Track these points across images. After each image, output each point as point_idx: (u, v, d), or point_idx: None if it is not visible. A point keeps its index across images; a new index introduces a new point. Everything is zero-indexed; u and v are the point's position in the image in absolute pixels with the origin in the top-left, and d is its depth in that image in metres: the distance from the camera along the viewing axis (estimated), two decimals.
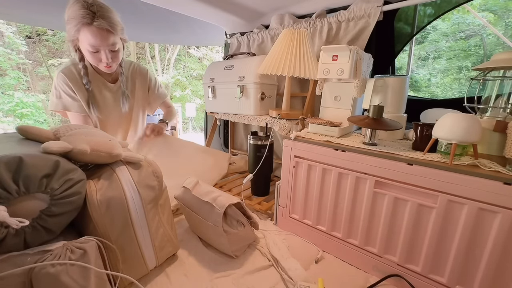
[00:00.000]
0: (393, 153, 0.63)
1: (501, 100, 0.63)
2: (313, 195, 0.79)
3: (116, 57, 0.92)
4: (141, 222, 0.59)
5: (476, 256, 0.54)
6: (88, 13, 0.80)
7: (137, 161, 0.61)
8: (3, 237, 0.41)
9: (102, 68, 0.93)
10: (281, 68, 0.89)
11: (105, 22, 0.83)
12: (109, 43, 0.86)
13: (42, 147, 0.48)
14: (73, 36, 0.84)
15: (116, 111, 1.07)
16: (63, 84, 0.92)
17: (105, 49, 0.87)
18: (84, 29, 0.81)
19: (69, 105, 0.94)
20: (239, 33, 1.40)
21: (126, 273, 0.55)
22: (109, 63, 0.90)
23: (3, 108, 5.87)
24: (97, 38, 0.83)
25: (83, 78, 0.93)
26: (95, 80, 0.98)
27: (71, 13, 0.81)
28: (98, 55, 0.87)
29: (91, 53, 0.86)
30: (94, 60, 0.89)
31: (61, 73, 0.92)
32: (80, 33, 0.82)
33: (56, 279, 0.41)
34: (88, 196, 0.52)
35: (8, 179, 0.41)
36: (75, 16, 0.80)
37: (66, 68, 0.92)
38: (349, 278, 0.69)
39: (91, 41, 0.83)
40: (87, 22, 0.80)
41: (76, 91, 0.94)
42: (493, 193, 0.50)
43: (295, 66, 0.89)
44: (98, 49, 0.86)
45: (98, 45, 0.84)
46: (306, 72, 0.89)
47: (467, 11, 4.61)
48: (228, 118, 1.23)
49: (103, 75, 1.00)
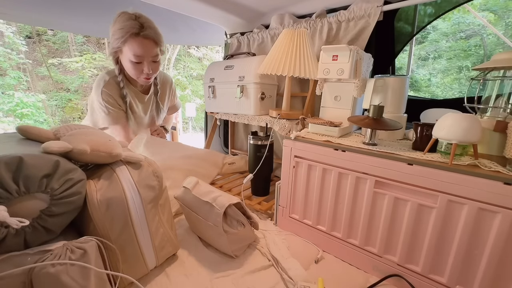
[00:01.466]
0: (393, 153, 0.63)
1: (501, 100, 0.63)
2: (313, 195, 0.79)
3: (156, 69, 0.95)
4: (141, 222, 0.59)
5: (476, 256, 0.54)
6: (136, 24, 0.83)
7: (137, 161, 0.61)
8: (3, 237, 0.41)
9: (140, 79, 0.95)
10: (281, 68, 0.89)
11: (152, 32, 0.86)
12: (152, 54, 0.89)
13: (42, 147, 0.48)
14: (117, 47, 0.87)
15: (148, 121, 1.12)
16: (108, 99, 0.95)
17: (148, 60, 0.90)
18: (130, 40, 0.84)
19: (117, 118, 0.98)
20: (239, 33, 1.40)
21: (126, 273, 0.55)
22: (149, 75, 0.93)
23: (3, 108, 5.87)
24: (143, 49, 0.86)
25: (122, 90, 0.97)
26: (129, 91, 1.01)
27: (118, 25, 0.84)
28: (141, 66, 0.90)
29: (134, 64, 0.89)
30: (136, 71, 0.91)
31: (104, 89, 0.94)
32: (126, 43, 0.85)
33: (56, 279, 0.41)
34: (88, 196, 0.51)
35: (8, 179, 0.41)
36: (123, 27, 0.83)
37: (107, 83, 0.95)
38: (349, 278, 0.69)
39: (136, 51, 0.85)
40: (135, 32, 0.83)
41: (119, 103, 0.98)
42: (493, 193, 0.50)
43: (295, 66, 0.89)
44: (141, 59, 0.88)
45: (142, 55, 0.87)
46: (306, 72, 0.89)
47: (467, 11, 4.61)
48: (228, 118, 1.23)
49: (136, 86, 1.03)
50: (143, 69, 0.91)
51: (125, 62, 0.91)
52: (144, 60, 0.89)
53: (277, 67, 0.89)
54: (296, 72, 0.89)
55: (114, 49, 0.89)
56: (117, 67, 0.95)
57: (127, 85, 1.00)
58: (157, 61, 0.94)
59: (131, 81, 1.01)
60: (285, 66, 0.89)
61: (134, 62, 0.88)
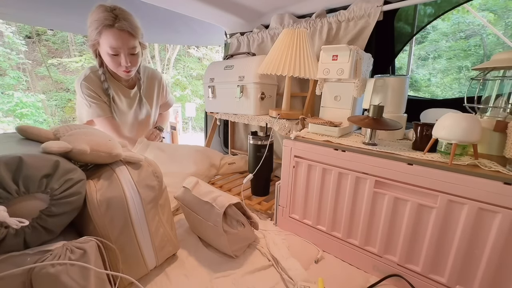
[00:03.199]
0: (393, 153, 0.63)
1: (501, 100, 0.63)
2: (313, 195, 0.79)
3: (135, 62, 0.94)
4: (141, 222, 0.59)
5: (476, 256, 0.54)
6: (110, 15, 0.83)
7: (137, 161, 0.61)
8: (2, 237, 0.41)
9: (120, 73, 0.94)
10: (281, 68, 0.89)
11: (126, 24, 0.85)
12: (129, 46, 0.88)
13: (42, 147, 0.48)
14: (94, 39, 0.86)
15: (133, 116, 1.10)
16: (88, 92, 0.95)
17: (125, 52, 0.88)
18: (105, 31, 0.83)
19: (100, 110, 0.97)
20: (239, 33, 1.40)
21: (126, 273, 0.55)
22: (128, 67, 0.92)
23: (3, 108, 5.87)
24: (118, 40, 0.85)
25: (103, 83, 0.96)
26: (113, 85, 1.00)
27: (93, 16, 0.84)
28: (118, 58, 0.89)
29: (111, 57, 0.88)
30: (114, 64, 0.90)
31: (83, 82, 0.94)
32: (102, 35, 0.84)
33: (56, 279, 0.41)
34: (88, 196, 0.51)
35: (8, 179, 0.41)
36: (97, 19, 0.83)
37: (86, 77, 0.95)
38: (349, 278, 0.69)
39: (112, 43, 0.84)
40: (108, 23, 0.82)
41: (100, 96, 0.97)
42: (493, 193, 0.50)
43: (295, 66, 0.89)
44: (118, 51, 0.87)
45: (118, 47, 0.86)
46: (306, 72, 0.89)
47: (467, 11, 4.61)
48: (228, 118, 1.23)
49: (120, 81, 1.02)
50: (121, 62, 0.90)
51: (103, 55, 0.90)
52: (120, 52, 0.88)
53: (277, 67, 0.89)
54: (296, 72, 0.89)
55: (92, 41, 0.88)
56: (97, 60, 0.94)
57: (110, 79, 0.99)
58: (135, 54, 0.92)
59: (115, 76, 1.01)
60: (284, 66, 0.89)
61: (111, 54, 0.87)
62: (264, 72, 0.93)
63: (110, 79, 0.99)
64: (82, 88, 0.94)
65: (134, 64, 0.94)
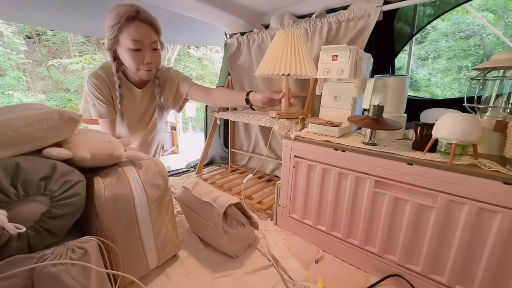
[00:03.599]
0: (393, 153, 0.63)
1: (501, 100, 0.63)
2: (313, 195, 0.79)
3: (157, 59, 0.90)
4: (146, 221, 0.59)
5: (476, 256, 0.54)
6: (132, 8, 0.81)
7: (140, 159, 0.61)
8: (6, 240, 0.42)
9: (141, 73, 0.90)
10: (277, 68, 0.89)
11: (148, 16, 0.83)
12: (152, 40, 0.85)
13: (43, 153, 0.48)
14: (113, 37, 0.82)
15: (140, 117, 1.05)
16: (94, 90, 0.91)
17: (148, 47, 0.85)
18: (127, 25, 0.80)
19: (103, 112, 0.94)
20: (239, 33, 1.40)
21: (127, 272, 0.55)
22: (150, 65, 0.87)
23: None
24: (141, 33, 0.82)
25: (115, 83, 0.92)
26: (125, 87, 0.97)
27: (113, 12, 0.81)
28: (140, 54, 0.85)
29: (133, 52, 0.83)
30: (136, 61, 0.85)
31: (92, 79, 0.90)
32: (123, 30, 0.80)
33: (57, 278, 0.41)
34: (96, 192, 0.52)
35: (6, 184, 0.42)
36: (118, 12, 0.79)
37: (95, 74, 0.91)
38: (349, 278, 0.69)
39: (134, 35, 0.81)
40: (131, 15, 0.79)
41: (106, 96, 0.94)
42: (493, 193, 0.50)
43: (291, 66, 0.88)
44: (140, 45, 0.83)
45: (141, 39, 0.82)
46: (302, 70, 0.89)
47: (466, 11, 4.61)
48: (228, 117, 1.23)
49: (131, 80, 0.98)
50: (144, 58, 0.85)
51: (122, 54, 0.85)
52: (143, 46, 0.84)
53: (273, 67, 0.89)
54: (293, 70, 0.89)
55: (111, 41, 0.83)
56: (114, 64, 0.89)
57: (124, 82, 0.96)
58: (157, 49, 0.89)
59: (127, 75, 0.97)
60: (281, 66, 0.88)
61: (133, 49, 0.83)
62: (262, 74, 0.93)
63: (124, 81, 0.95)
64: (90, 84, 0.91)
65: (156, 62, 0.90)
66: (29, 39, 7.04)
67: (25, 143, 0.47)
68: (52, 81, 7.27)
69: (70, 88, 7.45)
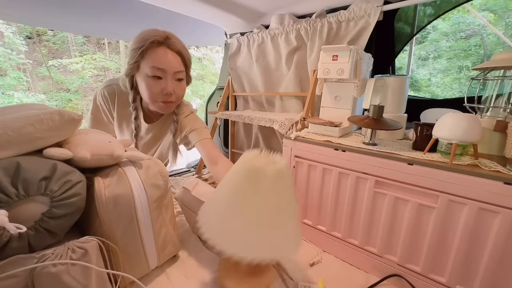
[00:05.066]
0: (393, 153, 0.63)
1: (502, 100, 0.63)
2: (313, 195, 0.79)
3: (180, 91, 0.80)
4: (146, 221, 0.59)
5: (476, 256, 0.54)
6: (161, 33, 0.73)
7: (140, 159, 0.61)
8: (7, 240, 0.42)
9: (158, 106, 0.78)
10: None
11: (178, 43, 0.76)
12: (177, 69, 0.75)
13: (43, 153, 0.48)
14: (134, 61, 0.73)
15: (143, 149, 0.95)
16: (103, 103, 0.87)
17: (171, 76, 0.75)
18: (152, 48, 0.71)
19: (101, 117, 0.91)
20: (239, 33, 1.40)
21: (127, 272, 0.55)
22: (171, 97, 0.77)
23: None
24: (166, 60, 0.73)
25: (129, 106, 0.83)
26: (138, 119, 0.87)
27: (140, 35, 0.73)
28: (160, 83, 0.74)
29: (152, 80, 0.73)
30: (153, 89, 0.74)
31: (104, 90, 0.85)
32: (145, 55, 0.72)
33: (57, 278, 0.41)
34: (96, 192, 0.52)
35: (6, 184, 0.42)
36: (144, 35, 0.72)
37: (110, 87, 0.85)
38: (349, 278, 0.69)
39: (156, 61, 0.71)
40: (158, 40, 0.72)
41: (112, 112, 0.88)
42: (493, 193, 0.50)
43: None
44: (162, 74, 0.74)
45: (165, 67, 0.73)
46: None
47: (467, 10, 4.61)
48: (228, 117, 1.23)
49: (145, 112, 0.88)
50: (165, 88, 0.74)
51: (140, 82, 0.75)
52: (165, 76, 0.74)
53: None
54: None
55: (130, 66, 0.74)
56: (131, 92, 0.80)
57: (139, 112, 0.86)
58: (182, 80, 0.79)
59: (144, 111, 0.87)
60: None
61: (152, 77, 0.73)
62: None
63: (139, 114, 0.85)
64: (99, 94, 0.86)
65: (178, 94, 0.79)
66: (30, 39, 7.04)
67: (26, 143, 0.47)
68: (53, 81, 7.27)
69: (70, 88, 7.45)
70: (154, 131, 0.92)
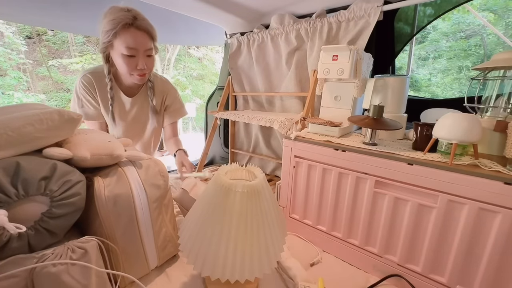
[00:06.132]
0: (393, 153, 0.63)
1: (502, 100, 0.63)
2: (313, 195, 0.79)
3: (150, 65, 0.90)
4: (146, 221, 0.59)
5: (476, 256, 0.54)
6: (128, 15, 0.80)
7: (140, 159, 0.61)
8: (7, 240, 0.42)
9: (134, 78, 0.89)
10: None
11: (145, 24, 0.83)
12: (146, 47, 0.84)
13: (43, 153, 0.48)
14: (107, 41, 0.82)
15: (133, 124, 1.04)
16: (85, 93, 0.92)
17: (142, 53, 0.85)
18: (123, 31, 0.80)
19: (90, 114, 0.95)
20: (239, 33, 1.40)
21: (127, 272, 0.55)
22: (143, 71, 0.87)
23: None
24: (137, 40, 0.81)
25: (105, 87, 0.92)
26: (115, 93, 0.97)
27: (109, 17, 0.80)
28: (134, 60, 0.84)
29: (126, 58, 0.83)
30: (129, 67, 0.85)
31: (82, 80, 0.91)
32: (118, 36, 0.80)
33: (57, 278, 0.41)
34: (96, 192, 0.52)
35: (6, 183, 0.42)
36: (114, 18, 0.79)
37: (86, 76, 0.91)
38: (349, 278, 0.69)
39: (129, 43, 0.80)
40: (127, 23, 0.79)
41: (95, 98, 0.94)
42: (493, 193, 0.50)
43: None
44: (135, 52, 0.83)
45: (136, 47, 0.82)
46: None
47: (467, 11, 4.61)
48: (228, 117, 1.23)
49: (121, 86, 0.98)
50: (137, 64, 0.85)
51: (116, 58, 0.85)
52: (137, 53, 0.84)
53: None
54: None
55: (105, 44, 0.83)
56: (106, 66, 0.89)
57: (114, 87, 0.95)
58: (151, 56, 0.88)
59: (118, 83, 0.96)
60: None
61: (126, 56, 0.82)
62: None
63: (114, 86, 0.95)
64: (79, 85, 0.92)
65: (150, 67, 0.90)
66: (30, 39, 7.04)
67: (26, 143, 0.47)
68: (53, 81, 7.27)
69: (70, 88, 7.44)
70: (138, 103, 1.02)
